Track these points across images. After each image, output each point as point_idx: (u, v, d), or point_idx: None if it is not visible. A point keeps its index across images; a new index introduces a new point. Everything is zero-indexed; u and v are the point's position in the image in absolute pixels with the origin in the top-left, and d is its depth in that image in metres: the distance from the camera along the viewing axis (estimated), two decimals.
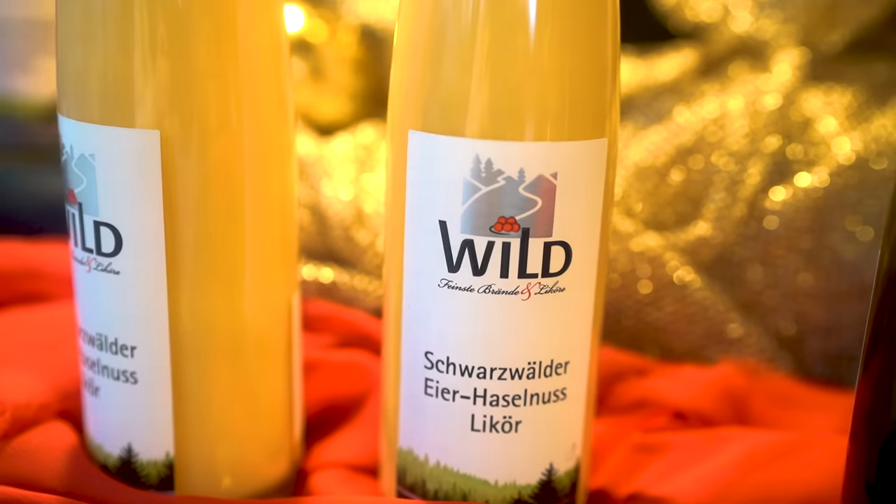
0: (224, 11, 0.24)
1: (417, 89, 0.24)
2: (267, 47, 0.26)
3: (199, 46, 0.24)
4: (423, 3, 0.23)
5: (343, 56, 0.49)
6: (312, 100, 0.49)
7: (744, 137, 0.35)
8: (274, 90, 0.27)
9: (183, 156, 0.24)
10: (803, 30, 0.40)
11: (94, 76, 0.24)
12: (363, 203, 0.37)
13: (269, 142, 0.27)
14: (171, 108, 0.24)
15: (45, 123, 0.44)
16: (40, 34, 0.42)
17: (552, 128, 0.23)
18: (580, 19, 0.23)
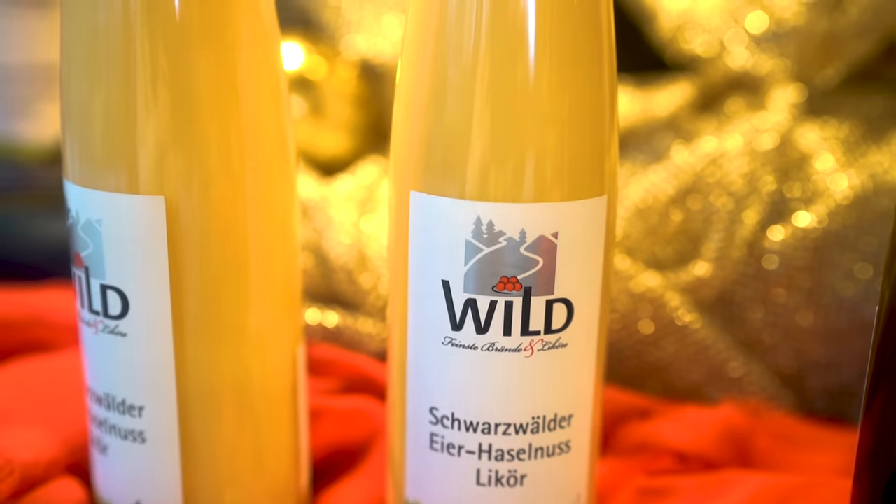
0: (228, 91, 0.25)
1: (417, 150, 0.24)
2: (269, 102, 0.27)
3: (204, 120, 0.24)
4: (423, 67, 0.24)
5: (343, 92, 0.50)
6: (313, 136, 0.49)
7: (742, 177, 0.35)
8: (277, 145, 0.27)
9: (188, 220, 0.25)
10: (798, 65, 0.40)
11: (99, 143, 0.24)
12: (365, 246, 0.38)
13: (273, 196, 0.27)
14: (176, 175, 0.24)
15: (47, 167, 0.44)
16: (42, 79, 0.43)
17: (552, 189, 0.23)
18: (578, 84, 0.23)
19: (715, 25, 0.43)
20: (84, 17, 0.24)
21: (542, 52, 0.23)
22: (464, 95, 0.23)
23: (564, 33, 0.23)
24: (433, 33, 0.23)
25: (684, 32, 0.44)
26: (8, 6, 0.41)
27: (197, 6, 0.24)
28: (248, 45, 0.26)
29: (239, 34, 0.25)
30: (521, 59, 0.23)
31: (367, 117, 0.52)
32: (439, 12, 0.23)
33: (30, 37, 0.42)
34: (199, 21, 0.24)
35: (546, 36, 0.23)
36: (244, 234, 0.26)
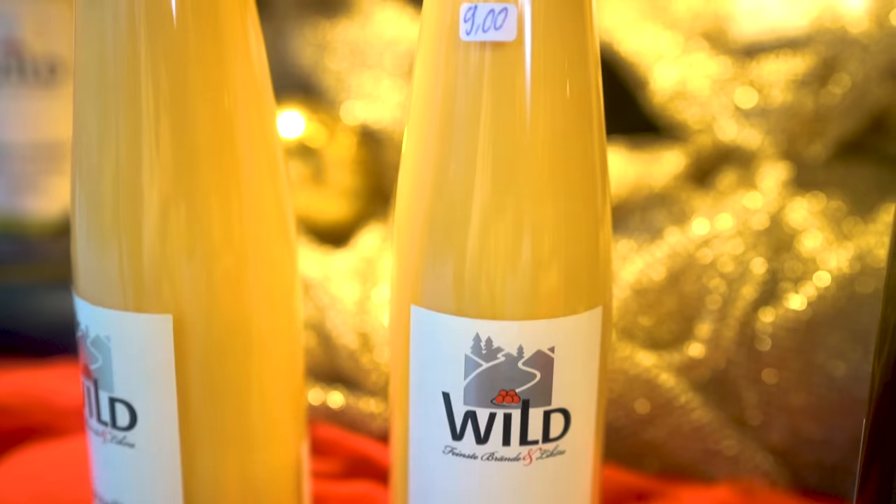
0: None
1: (417, 267, 0.25)
2: (273, 212, 0.28)
3: (211, 233, 0.25)
4: (422, 188, 0.25)
5: (343, 158, 0.50)
6: (314, 203, 0.50)
7: (733, 260, 0.36)
8: (280, 240, 0.28)
9: (194, 334, 0.25)
10: (787, 140, 0.41)
11: (109, 263, 0.25)
12: (367, 325, 0.38)
13: (276, 295, 0.28)
14: (183, 294, 0.25)
15: (54, 240, 0.45)
16: (49, 156, 0.44)
17: (549, 306, 0.24)
18: (573, 205, 0.24)
19: (705, 98, 0.44)
20: (91, 154, 0.25)
21: (537, 179, 0.23)
22: (461, 217, 0.24)
23: (558, 161, 0.24)
24: (432, 163, 0.24)
25: (675, 102, 0.45)
26: (15, 87, 0.42)
27: (203, 120, 0.25)
28: (250, 162, 0.27)
29: (241, 151, 0.26)
30: (518, 186, 0.23)
31: (368, 181, 0.53)
32: (437, 145, 0.24)
33: (36, 115, 0.43)
34: (205, 140, 0.25)
35: (541, 163, 0.23)
36: (249, 342, 0.27)
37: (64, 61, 0.43)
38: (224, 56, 0.25)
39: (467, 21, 0.23)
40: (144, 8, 0.23)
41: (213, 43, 0.25)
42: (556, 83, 0.23)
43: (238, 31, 0.26)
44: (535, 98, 0.23)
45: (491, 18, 0.23)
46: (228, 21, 0.25)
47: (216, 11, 0.25)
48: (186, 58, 0.24)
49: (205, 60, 0.24)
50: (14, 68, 0.42)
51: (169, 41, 0.24)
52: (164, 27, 0.24)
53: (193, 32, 0.24)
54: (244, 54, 0.26)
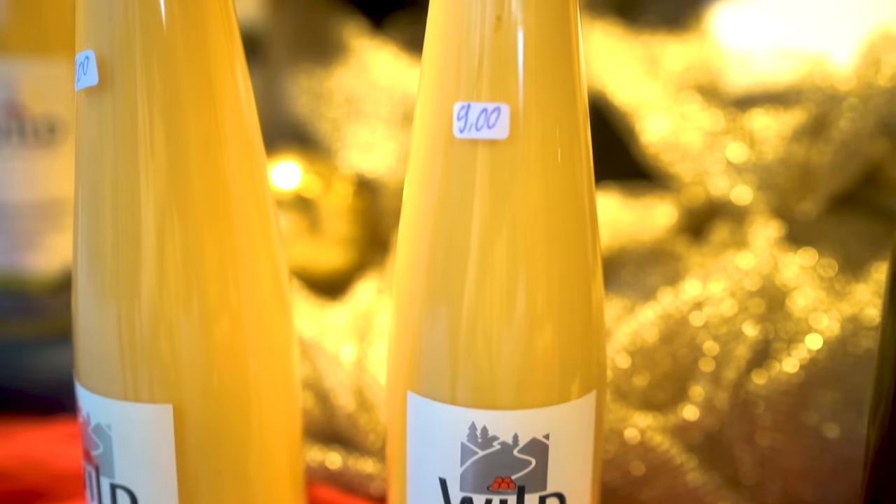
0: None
1: (412, 355, 0.25)
2: (267, 273, 0.28)
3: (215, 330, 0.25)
4: (416, 280, 0.25)
5: (339, 207, 0.51)
6: (310, 254, 0.50)
7: (725, 323, 0.36)
8: (279, 323, 0.28)
9: (194, 419, 0.26)
10: (778, 196, 0.42)
11: (108, 354, 0.25)
12: (364, 384, 0.39)
13: (275, 373, 0.28)
14: (184, 382, 0.25)
15: (54, 295, 0.45)
16: (49, 214, 0.44)
17: (544, 394, 0.25)
18: (567, 295, 0.25)
19: (697, 152, 0.44)
20: (89, 234, 0.25)
21: (530, 274, 0.24)
22: (454, 309, 0.24)
23: (552, 256, 0.24)
24: (425, 257, 0.25)
25: (667, 155, 0.46)
26: (16, 148, 0.43)
27: (197, 184, 0.25)
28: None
29: (235, 216, 0.26)
30: (511, 282, 0.24)
31: (364, 229, 0.53)
32: (430, 240, 0.24)
33: (37, 174, 0.43)
34: (200, 209, 0.25)
35: (534, 258, 0.24)
36: (248, 414, 0.27)
37: (63, 121, 0.43)
38: (218, 118, 0.25)
39: (460, 119, 0.23)
40: (139, 72, 0.24)
41: (207, 102, 0.25)
42: (549, 179, 0.24)
43: (230, 91, 0.26)
44: (528, 194, 0.23)
45: (484, 117, 0.23)
46: (220, 82, 0.25)
47: (208, 72, 0.25)
48: (181, 117, 0.24)
49: (199, 121, 0.25)
50: (15, 130, 0.43)
51: (163, 101, 0.24)
52: (162, 93, 0.24)
53: (186, 91, 0.24)
54: (236, 114, 0.26)
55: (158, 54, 0.23)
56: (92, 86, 0.23)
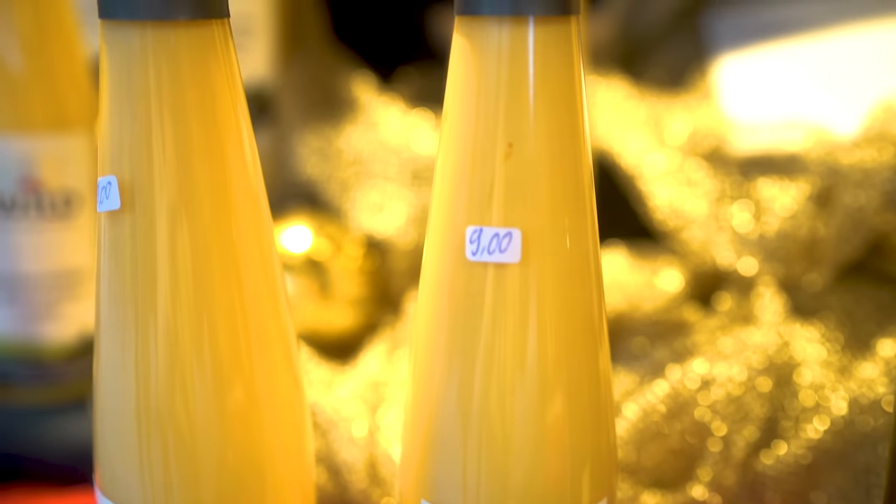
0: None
1: (423, 463, 0.26)
2: (279, 348, 0.29)
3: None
4: (427, 394, 0.26)
5: (349, 269, 0.52)
6: (321, 316, 0.51)
7: (733, 402, 0.37)
8: (291, 398, 0.29)
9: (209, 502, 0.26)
10: (785, 267, 0.42)
11: (128, 467, 0.26)
12: (377, 458, 0.39)
13: (289, 450, 0.29)
14: (200, 454, 0.26)
15: (70, 362, 0.46)
16: (65, 284, 0.45)
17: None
18: (580, 411, 0.25)
19: (702, 220, 0.45)
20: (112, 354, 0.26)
21: (545, 398, 0.24)
22: (463, 430, 0.25)
23: (562, 382, 0.25)
24: (436, 377, 0.25)
25: (675, 222, 0.46)
26: (33, 221, 0.43)
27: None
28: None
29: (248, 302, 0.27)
30: (524, 401, 0.24)
31: (374, 290, 0.54)
32: (442, 362, 0.25)
33: (54, 246, 0.44)
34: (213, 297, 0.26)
35: (546, 385, 0.24)
36: (263, 501, 0.28)
37: (79, 193, 0.44)
38: (235, 234, 0.26)
39: (473, 243, 0.24)
40: (159, 195, 0.24)
41: (225, 218, 0.25)
42: (560, 299, 0.24)
43: (249, 202, 0.26)
44: (540, 315, 0.24)
45: (496, 242, 0.24)
46: (239, 197, 0.26)
47: (226, 190, 0.25)
48: (200, 235, 0.25)
49: (218, 237, 0.25)
50: (32, 204, 0.43)
51: (184, 220, 0.25)
52: (182, 213, 0.25)
53: (205, 209, 0.25)
54: (255, 222, 0.26)
55: (178, 179, 0.24)
56: (114, 210, 0.24)
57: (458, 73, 0.24)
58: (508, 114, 0.23)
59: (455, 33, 0.24)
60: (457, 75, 0.24)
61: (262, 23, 0.57)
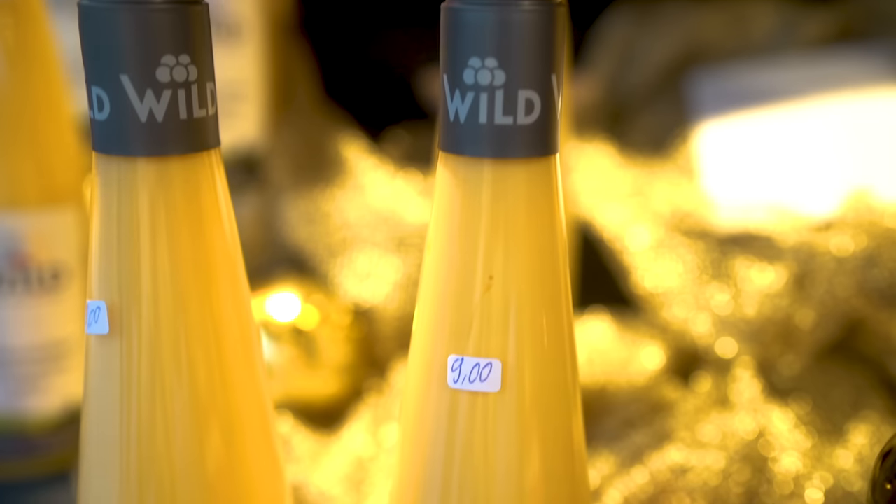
0: None
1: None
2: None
3: None
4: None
5: (336, 336, 0.52)
6: (306, 384, 0.51)
7: (711, 491, 0.37)
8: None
9: None
10: (762, 348, 0.43)
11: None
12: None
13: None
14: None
15: (53, 434, 0.46)
16: (50, 356, 0.45)
17: None
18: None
19: (684, 300, 0.46)
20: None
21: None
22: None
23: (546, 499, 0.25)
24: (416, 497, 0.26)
25: (656, 298, 0.47)
26: (20, 296, 0.44)
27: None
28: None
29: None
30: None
31: (360, 356, 0.54)
32: (422, 484, 0.25)
33: (40, 319, 0.44)
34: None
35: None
36: None
37: (67, 266, 0.44)
38: (224, 356, 0.26)
39: (454, 371, 0.25)
40: (146, 320, 0.25)
41: (213, 339, 0.26)
42: (540, 430, 0.25)
43: (235, 327, 0.27)
44: (519, 445, 0.25)
45: (477, 371, 0.24)
46: (224, 319, 0.26)
47: (212, 312, 0.26)
48: (187, 358, 0.26)
49: (206, 359, 0.26)
50: (20, 279, 0.44)
51: (169, 344, 0.25)
52: (169, 338, 0.25)
53: (193, 333, 0.26)
54: (243, 348, 0.27)
55: (167, 307, 0.25)
56: (103, 334, 0.25)
57: (441, 205, 0.25)
58: (489, 248, 0.24)
59: (440, 165, 0.25)
60: (440, 207, 0.25)
61: (252, 88, 0.57)
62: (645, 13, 0.67)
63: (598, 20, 0.68)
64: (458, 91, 0.23)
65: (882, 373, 0.44)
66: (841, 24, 0.62)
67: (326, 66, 0.67)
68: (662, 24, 0.66)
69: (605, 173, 0.56)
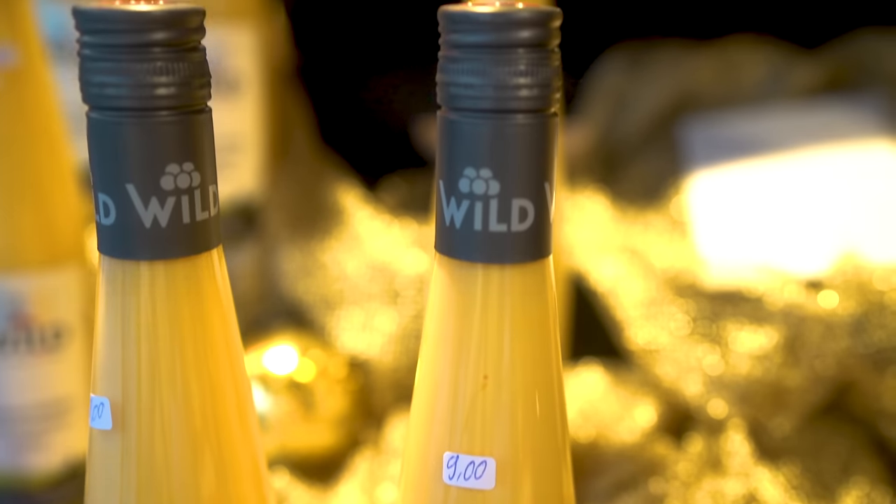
0: None
1: None
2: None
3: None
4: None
5: (333, 389, 0.53)
6: (303, 436, 0.52)
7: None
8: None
9: None
10: (753, 410, 0.44)
11: None
12: None
13: None
14: None
15: (54, 490, 0.46)
16: (51, 413, 0.46)
17: None
18: None
19: (676, 358, 0.46)
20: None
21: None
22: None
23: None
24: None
25: (649, 356, 0.48)
26: (23, 356, 0.44)
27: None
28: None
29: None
30: None
31: (357, 408, 0.55)
32: None
33: (42, 378, 0.45)
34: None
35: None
36: None
37: (69, 325, 0.45)
38: (220, 416, 0.26)
39: (449, 468, 0.25)
40: (148, 415, 0.26)
41: (215, 435, 0.27)
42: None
43: (235, 420, 0.28)
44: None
45: (471, 468, 0.25)
46: (227, 413, 0.27)
47: (215, 410, 0.27)
48: (189, 452, 0.26)
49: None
50: (22, 340, 0.44)
51: (173, 439, 0.26)
52: (173, 433, 0.26)
53: (196, 430, 0.26)
54: (245, 445, 0.28)
55: (170, 404, 0.25)
56: (106, 429, 0.25)
57: (436, 303, 0.26)
58: (484, 349, 0.25)
59: (436, 264, 0.26)
60: (435, 304, 0.26)
61: (250, 140, 0.58)
62: (638, 61, 0.68)
63: (592, 67, 0.69)
64: (454, 198, 0.24)
65: (873, 432, 0.45)
66: (829, 74, 0.63)
67: (322, 113, 0.67)
68: (655, 72, 0.67)
69: (598, 225, 0.57)
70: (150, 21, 0.23)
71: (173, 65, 0.23)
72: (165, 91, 0.24)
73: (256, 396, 0.52)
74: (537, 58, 0.23)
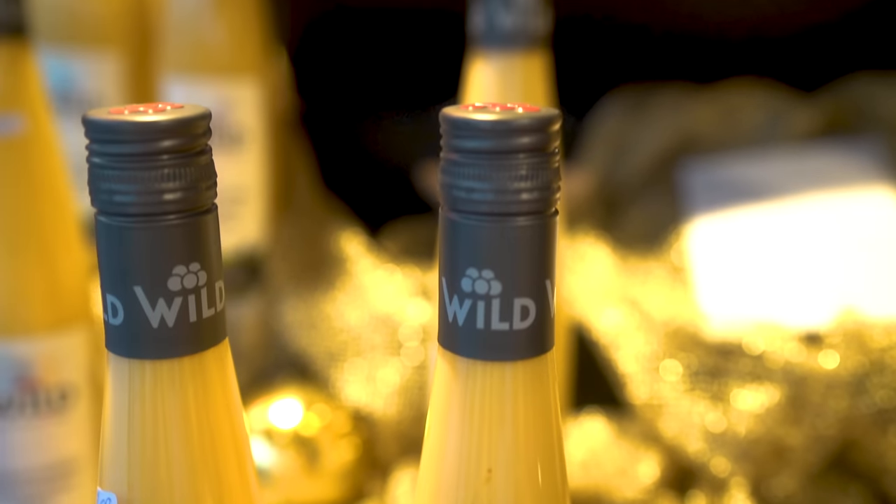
0: None
1: None
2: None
3: None
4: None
5: (337, 442, 0.53)
6: (308, 489, 0.52)
7: None
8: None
9: None
10: (755, 468, 0.44)
11: None
12: None
13: None
14: None
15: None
16: (57, 474, 0.46)
17: None
18: None
19: (678, 415, 0.47)
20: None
21: None
22: None
23: None
24: None
25: (650, 411, 0.48)
26: (29, 419, 0.45)
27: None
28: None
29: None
30: None
31: (362, 460, 0.55)
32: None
33: (48, 440, 0.45)
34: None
35: None
36: None
37: (74, 387, 0.45)
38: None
39: None
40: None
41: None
42: None
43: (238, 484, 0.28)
44: None
45: None
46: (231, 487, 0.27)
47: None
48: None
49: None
50: (28, 403, 0.45)
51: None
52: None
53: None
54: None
55: (175, 500, 0.26)
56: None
57: (439, 396, 0.26)
58: (487, 442, 0.25)
59: (439, 359, 0.26)
60: (439, 397, 0.26)
61: (253, 192, 0.59)
62: (638, 104, 0.68)
63: (592, 110, 0.69)
64: (457, 297, 0.25)
65: (876, 488, 0.45)
66: (827, 118, 0.64)
67: (325, 159, 0.68)
68: (655, 116, 0.68)
69: (599, 274, 0.57)
70: (157, 131, 0.23)
71: (181, 170, 0.24)
72: (173, 196, 0.24)
73: (261, 451, 0.53)
74: (537, 162, 0.24)
